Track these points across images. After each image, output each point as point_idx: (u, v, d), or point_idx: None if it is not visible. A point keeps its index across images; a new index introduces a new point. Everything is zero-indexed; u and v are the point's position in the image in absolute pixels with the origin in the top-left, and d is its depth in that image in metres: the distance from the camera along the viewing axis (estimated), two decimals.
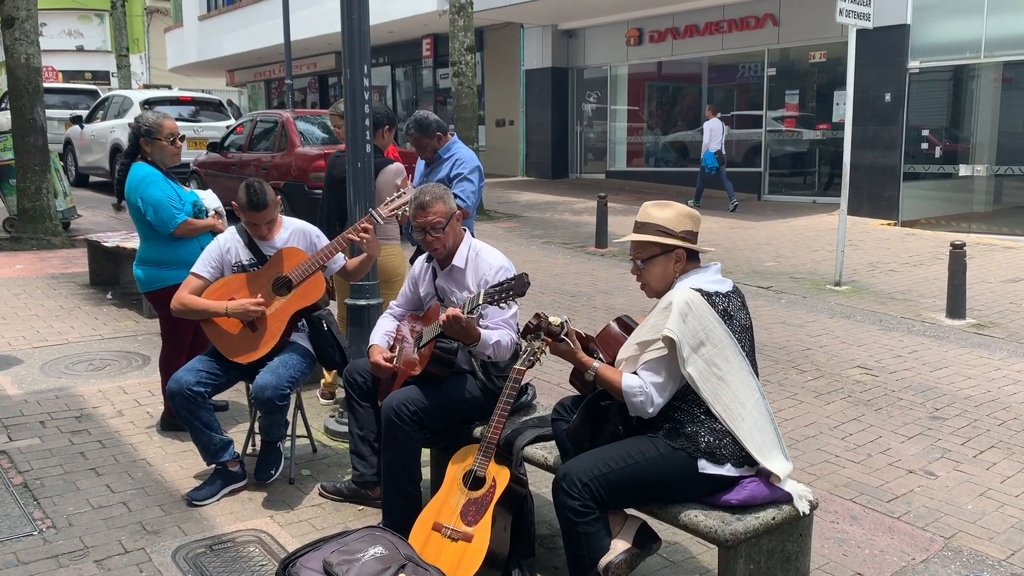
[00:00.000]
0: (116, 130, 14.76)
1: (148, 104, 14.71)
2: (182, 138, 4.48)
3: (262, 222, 3.85)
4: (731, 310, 2.71)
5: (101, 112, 16.07)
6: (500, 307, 3.14)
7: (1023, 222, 11.47)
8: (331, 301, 4.45)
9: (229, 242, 3.96)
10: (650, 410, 2.67)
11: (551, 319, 2.76)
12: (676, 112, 18.01)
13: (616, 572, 2.58)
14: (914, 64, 12.23)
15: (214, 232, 4.36)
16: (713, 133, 14.11)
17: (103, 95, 17.25)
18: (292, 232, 4.00)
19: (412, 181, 5.22)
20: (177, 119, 15.14)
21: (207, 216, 4.55)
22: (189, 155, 13.75)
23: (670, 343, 2.61)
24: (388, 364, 3.44)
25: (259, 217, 3.83)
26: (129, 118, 14.61)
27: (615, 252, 10.42)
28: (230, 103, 32.32)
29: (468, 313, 3.11)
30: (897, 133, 12.37)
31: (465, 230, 3.57)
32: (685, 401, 2.68)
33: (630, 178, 16.88)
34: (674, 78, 17.93)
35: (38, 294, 7.81)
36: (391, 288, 4.59)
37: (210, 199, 5.06)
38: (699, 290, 2.68)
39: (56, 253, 10.01)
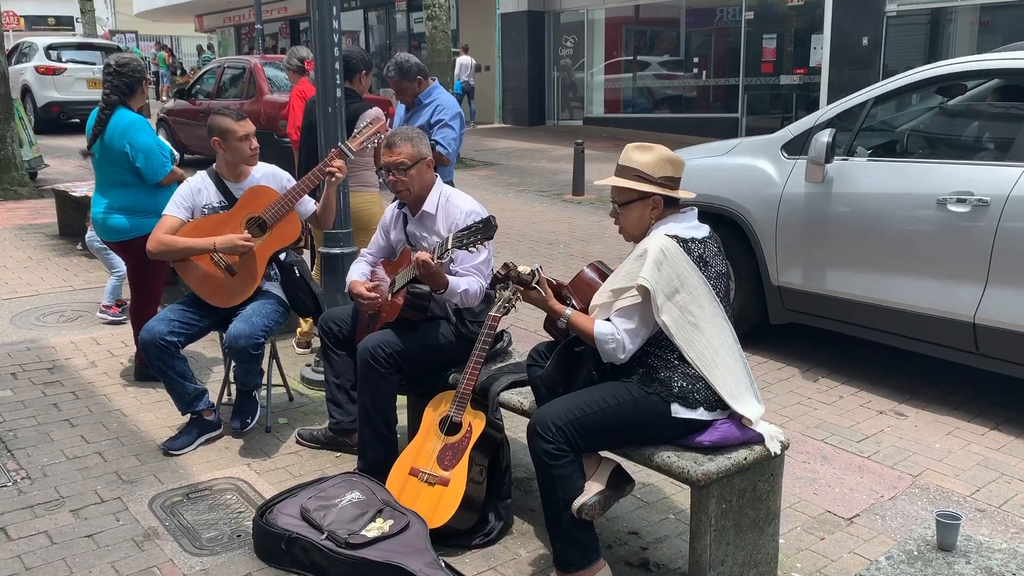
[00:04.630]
0: (25, 73, 16.45)
1: (52, 49, 16.84)
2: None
3: (252, 131, 3.83)
4: (707, 256, 2.70)
5: (15, 57, 17.20)
6: (470, 251, 3.12)
7: None
8: (305, 251, 4.42)
9: (200, 184, 3.90)
10: (622, 356, 2.68)
11: (520, 268, 2.74)
12: (653, 57, 17.83)
13: (590, 513, 2.61)
14: (891, 7, 12.14)
15: (179, 182, 4.36)
16: (463, 67, 18.97)
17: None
18: (263, 175, 3.96)
19: (391, 127, 5.15)
20: (82, 63, 15.46)
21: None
22: (91, 94, 15.76)
23: (644, 291, 2.61)
24: (369, 291, 3.43)
25: (248, 125, 3.81)
26: (36, 62, 16.47)
27: (592, 200, 10.39)
28: (210, 48, 31.59)
29: (438, 258, 3.09)
30: (874, 77, 12.31)
31: (437, 176, 3.53)
32: (659, 347, 2.69)
33: (607, 124, 16.75)
34: (651, 22, 17.72)
35: (6, 245, 7.68)
36: (367, 236, 4.54)
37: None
38: (674, 237, 2.67)
39: (23, 204, 9.83)
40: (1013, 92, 4.47)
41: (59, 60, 16.67)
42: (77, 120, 16.67)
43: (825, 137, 4.42)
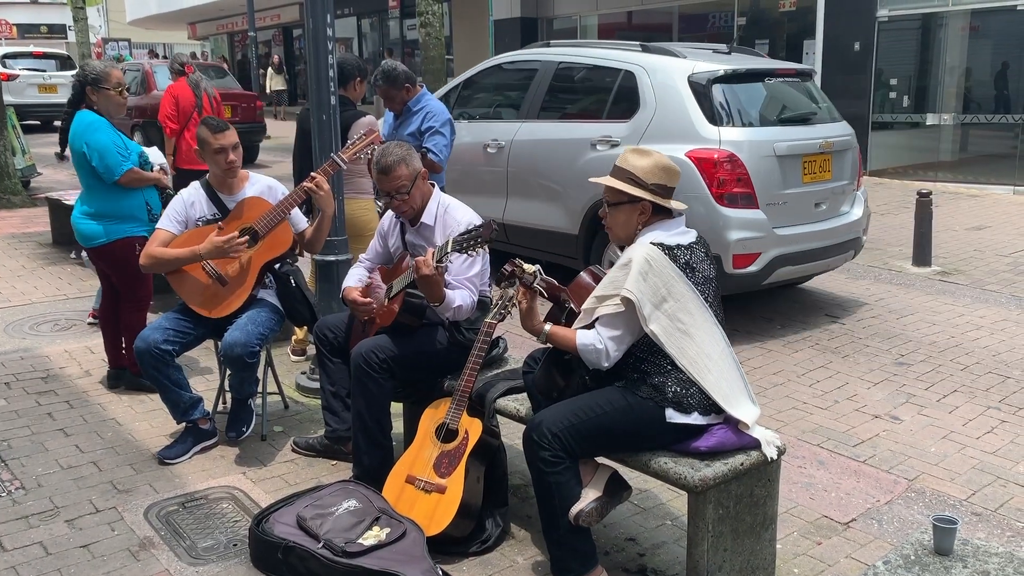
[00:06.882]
0: None
1: (7, 58, 19.40)
2: (128, 88, 4.45)
3: (229, 144, 3.79)
4: (693, 262, 2.71)
5: None
6: (470, 254, 3.11)
7: (988, 170, 11.57)
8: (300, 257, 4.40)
9: (193, 196, 3.89)
10: (605, 364, 2.68)
11: (525, 266, 2.76)
12: None
13: (587, 520, 2.61)
14: (883, 12, 12.19)
15: (159, 187, 4.43)
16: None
17: None
18: (260, 189, 3.95)
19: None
20: (34, 70, 17.82)
21: (152, 171, 4.51)
22: (42, 98, 18.90)
23: (628, 303, 2.61)
24: (364, 298, 3.44)
25: (226, 138, 3.77)
26: None
27: None
28: (224, 59, 31.71)
29: (437, 262, 3.09)
30: (866, 82, 12.37)
31: (434, 185, 3.53)
32: (652, 353, 2.68)
33: None
34: (644, 28, 17.75)
35: None
36: (362, 243, 4.53)
37: (155, 155, 5.00)
38: (660, 244, 2.68)
39: (16, 212, 9.81)
40: (528, 74, 6.53)
41: (13, 68, 19.07)
42: (37, 121, 19.02)
43: None
